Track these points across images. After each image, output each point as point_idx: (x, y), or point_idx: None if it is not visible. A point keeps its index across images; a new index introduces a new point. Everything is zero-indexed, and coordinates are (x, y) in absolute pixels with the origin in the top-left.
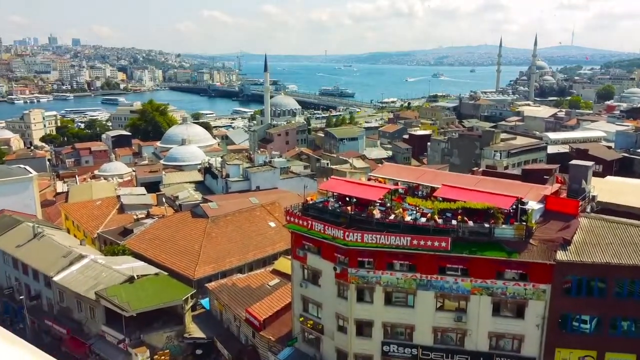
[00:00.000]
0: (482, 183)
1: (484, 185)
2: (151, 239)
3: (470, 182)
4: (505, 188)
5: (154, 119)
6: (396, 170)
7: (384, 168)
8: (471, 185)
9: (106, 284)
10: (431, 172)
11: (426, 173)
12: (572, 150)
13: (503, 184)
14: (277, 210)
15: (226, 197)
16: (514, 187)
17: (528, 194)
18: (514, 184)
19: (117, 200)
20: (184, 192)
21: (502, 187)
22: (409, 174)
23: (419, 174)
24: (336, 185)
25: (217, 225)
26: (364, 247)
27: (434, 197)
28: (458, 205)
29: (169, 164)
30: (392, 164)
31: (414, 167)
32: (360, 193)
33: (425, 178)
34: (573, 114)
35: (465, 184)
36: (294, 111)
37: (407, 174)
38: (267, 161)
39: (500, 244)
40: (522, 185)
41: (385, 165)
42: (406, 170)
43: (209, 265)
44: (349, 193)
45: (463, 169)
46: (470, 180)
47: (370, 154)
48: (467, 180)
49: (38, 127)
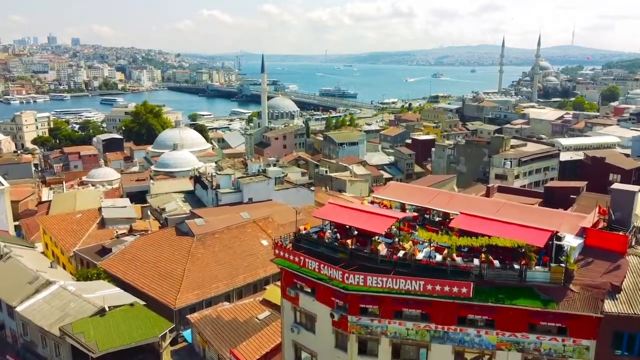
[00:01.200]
0: (505, 210)
1: (507, 213)
2: (130, 259)
3: (491, 207)
4: (533, 216)
5: (148, 121)
6: (403, 191)
7: (389, 188)
8: (492, 212)
9: (74, 317)
10: (444, 195)
11: (439, 195)
12: (587, 158)
13: (529, 212)
14: (271, 227)
15: (215, 211)
16: (543, 215)
17: (562, 225)
18: (543, 212)
19: (98, 212)
20: (172, 203)
21: (529, 214)
22: (419, 195)
23: (430, 196)
24: (333, 213)
25: (203, 244)
26: (367, 291)
27: (449, 228)
28: (481, 242)
29: (159, 170)
30: (398, 184)
31: (424, 188)
32: (362, 223)
33: (437, 202)
34: (581, 116)
35: (485, 210)
36: (292, 113)
37: (416, 196)
38: (261, 170)
39: (533, 290)
40: (554, 214)
41: (390, 184)
42: (415, 191)
43: (193, 292)
44: (349, 223)
45: (470, 177)
46: (491, 206)
47: (372, 159)
48: (486, 206)
49: (30, 129)
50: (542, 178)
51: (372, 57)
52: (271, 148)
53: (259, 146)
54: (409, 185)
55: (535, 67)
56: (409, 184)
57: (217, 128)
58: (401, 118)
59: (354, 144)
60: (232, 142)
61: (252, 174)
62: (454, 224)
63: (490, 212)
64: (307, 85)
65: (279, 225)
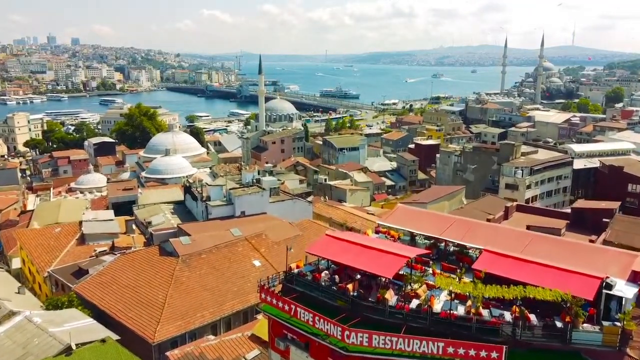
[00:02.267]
0: (536, 244)
1: (538, 248)
2: (108, 283)
3: (518, 240)
4: (570, 254)
5: (142, 123)
6: (413, 218)
7: (397, 214)
8: (521, 247)
9: (36, 356)
10: (461, 223)
11: (455, 224)
12: (603, 167)
13: (564, 247)
14: (264, 245)
15: (204, 227)
16: (583, 252)
17: (609, 267)
18: (581, 248)
19: (79, 226)
20: (159, 216)
21: (565, 251)
22: (431, 223)
23: (445, 225)
24: (331, 249)
25: (188, 266)
26: (373, 353)
27: (470, 266)
28: (515, 294)
29: (150, 176)
30: (406, 208)
31: (437, 214)
32: (366, 264)
33: (454, 231)
34: (588, 119)
35: (511, 243)
36: (290, 116)
37: (429, 224)
38: (255, 179)
39: (580, 354)
40: (596, 251)
41: (398, 209)
42: (426, 218)
43: (175, 322)
44: (350, 263)
45: (478, 186)
46: (517, 239)
47: (373, 165)
48: (512, 238)
49: (23, 131)
50: (554, 187)
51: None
52: (268, 152)
53: (256, 150)
54: (419, 211)
55: (539, 68)
56: (419, 209)
57: (215, 130)
58: (403, 120)
59: (355, 149)
60: (228, 146)
61: (245, 184)
62: (479, 265)
63: (518, 247)
64: (307, 86)
65: (273, 243)
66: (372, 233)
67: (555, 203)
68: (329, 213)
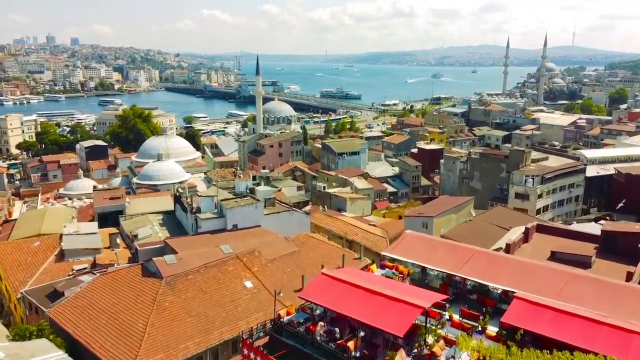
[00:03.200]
0: (576, 286)
1: (578, 289)
2: (84, 307)
3: (550, 280)
4: (620, 298)
5: (136, 126)
6: (423, 247)
7: (404, 243)
8: (555, 288)
9: None
10: (481, 256)
11: (474, 256)
12: (619, 175)
13: (612, 290)
14: (257, 263)
15: (192, 242)
16: (631, 296)
17: None
18: (635, 292)
19: (59, 240)
20: (146, 228)
21: (614, 295)
22: (445, 254)
23: (462, 257)
24: (328, 294)
25: (172, 289)
26: None
27: (502, 324)
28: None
29: (141, 182)
30: (414, 236)
31: (451, 243)
32: (372, 317)
33: (472, 266)
34: (595, 122)
35: (544, 283)
36: (289, 118)
37: (442, 255)
38: (249, 189)
39: None
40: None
41: (405, 237)
42: (439, 248)
43: (156, 355)
44: (351, 315)
45: (486, 195)
46: (550, 279)
47: (374, 171)
48: (544, 276)
49: (16, 133)
50: (566, 196)
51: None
52: (265, 156)
53: (253, 154)
54: (429, 239)
55: (541, 68)
56: (430, 237)
57: (213, 131)
58: (404, 122)
59: (355, 153)
60: (225, 149)
61: (239, 194)
62: (510, 318)
63: (553, 289)
64: (307, 86)
65: (267, 261)
66: (376, 268)
67: (567, 212)
68: (328, 224)
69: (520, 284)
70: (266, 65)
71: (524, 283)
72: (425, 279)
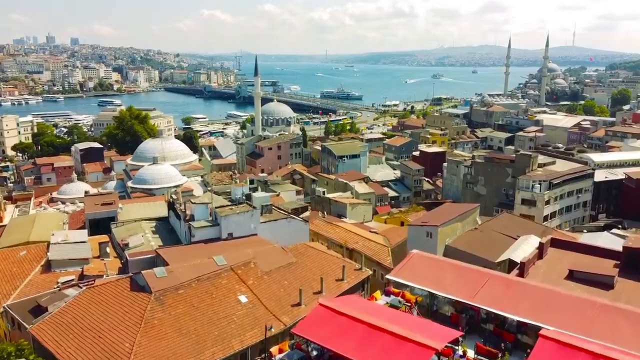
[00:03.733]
0: (607, 317)
1: (610, 322)
2: (68, 324)
3: (578, 312)
4: None
5: (133, 127)
6: (432, 270)
7: (411, 264)
8: (584, 321)
9: None
10: (497, 281)
11: (489, 282)
12: (630, 180)
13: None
14: (252, 275)
15: (185, 252)
16: None
17: None
18: None
19: (47, 250)
20: (138, 236)
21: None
22: (457, 279)
23: (475, 282)
24: (325, 329)
25: (162, 305)
26: None
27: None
28: None
29: (136, 187)
30: (422, 256)
31: (463, 267)
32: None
33: (488, 294)
34: (600, 124)
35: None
36: (288, 120)
37: (454, 281)
38: (245, 195)
39: None
40: None
41: (412, 257)
42: (449, 270)
43: None
44: (352, 356)
45: (491, 200)
46: (578, 310)
47: (375, 174)
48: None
49: (11, 134)
50: (574, 202)
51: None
52: (264, 159)
53: (251, 157)
54: (438, 260)
55: (544, 69)
56: (438, 258)
57: (212, 133)
58: (405, 124)
59: (355, 156)
60: (223, 151)
61: (235, 200)
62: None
63: (582, 323)
64: (307, 86)
65: (263, 273)
66: (380, 296)
67: (574, 219)
68: (328, 232)
69: (543, 315)
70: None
71: (547, 315)
72: (434, 304)
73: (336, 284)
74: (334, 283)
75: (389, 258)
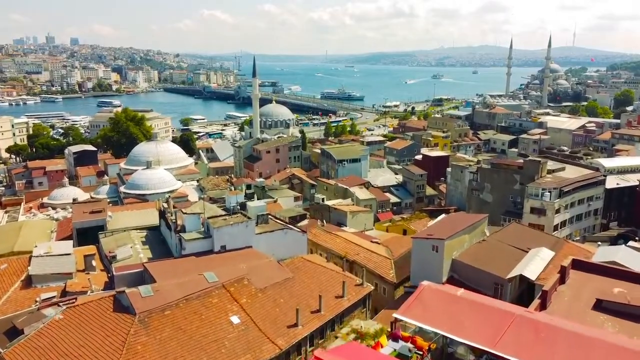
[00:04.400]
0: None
1: None
2: (45, 348)
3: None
4: None
5: (128, 129)
6: (445, 306)
7: (422, 300)
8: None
9: None
10: (524, 324)
11: (514, 323)
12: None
13: None
14: (246, 293)
15: (174, 266)
16: None
17: None
18: None
19: (29, 263)
20: (126, 247)
21: None
22: (477, 320)
23: (497, 323)
24: None
25: (146, 328)
26: None
27: None
28: None
29: (129, 192)
30: (435, 290)
31: (483, 304)
32: None
33: (514, 339)
34: (605, 126)
35: None
36: (287, 122)
37: (472, 321)
38: (239, 204)
39: None
40: None
41: (424, 291)
42: (466, 308)
43: None
44: None
45: (497, 209)
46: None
47: (376, 179)
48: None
49: (6, 136)
50: (584, 210)
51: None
52: (262, 163)
53: (249, 160)
54: (452, 296)
55: (546, 69)
56: (453, 294)
57: (210, 134)
58: (406, 125)
59: (356, 160)
60: (221, 154)
61: (228, 210)
62: None
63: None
64: (307, 87)
65: (257, 291)
66: (387, 342)
67: (585, 227)
68: (327, 242)
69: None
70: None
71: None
72: (449, 347)
73: (336, 302)
74: (333, 300)
75: (392, 271)
